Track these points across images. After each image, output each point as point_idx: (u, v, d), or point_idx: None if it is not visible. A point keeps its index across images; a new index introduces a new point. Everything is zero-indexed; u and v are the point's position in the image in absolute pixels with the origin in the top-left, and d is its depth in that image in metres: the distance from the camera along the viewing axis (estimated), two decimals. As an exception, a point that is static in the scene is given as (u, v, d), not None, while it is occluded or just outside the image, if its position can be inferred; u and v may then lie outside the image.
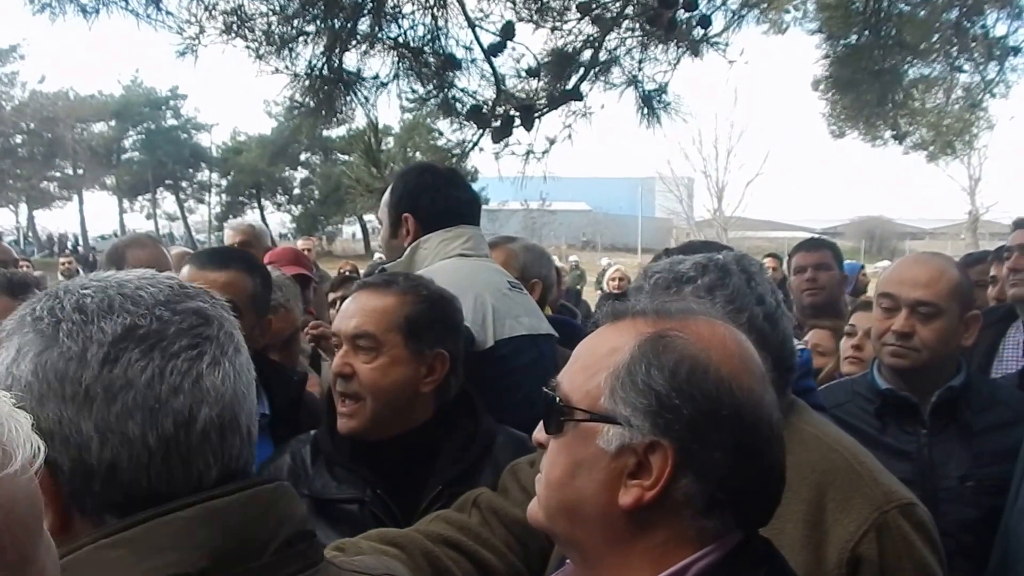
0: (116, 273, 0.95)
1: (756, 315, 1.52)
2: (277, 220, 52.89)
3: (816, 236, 4.07)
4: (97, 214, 74.23)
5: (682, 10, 4.78)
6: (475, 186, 4.62)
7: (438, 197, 2.49)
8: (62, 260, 12.68)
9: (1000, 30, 6.29)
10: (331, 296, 4.36)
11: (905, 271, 2.37)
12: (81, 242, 45.71)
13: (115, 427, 0.85)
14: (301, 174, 52.68)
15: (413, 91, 4.90)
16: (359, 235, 52.50)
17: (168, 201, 54.50)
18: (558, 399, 1.05)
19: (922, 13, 6.11)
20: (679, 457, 0.95)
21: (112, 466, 0.85)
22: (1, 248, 3.94)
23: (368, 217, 47.48)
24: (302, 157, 51.20)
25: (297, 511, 0.96)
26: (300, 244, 8.92)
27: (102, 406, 0.85)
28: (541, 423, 1.09)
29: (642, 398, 0.97)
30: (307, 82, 4.45)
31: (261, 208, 51.90)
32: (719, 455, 0.95)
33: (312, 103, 4.55)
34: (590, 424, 1.00)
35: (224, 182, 53.12)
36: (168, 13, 4.18)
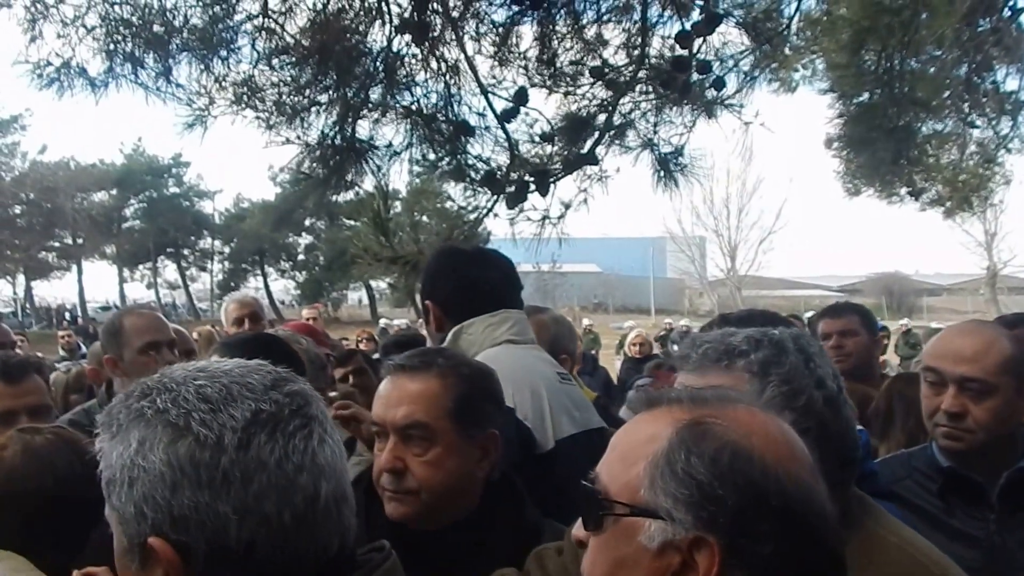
0: (215, 362, 1.00)
1: (815, 399, 1.39)
2: (281, 287, 53.09)
3: (842, 301, 3.95)
4: (96, 284, 74.45)
5: (696, 73, 4.75)
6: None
7: (456, 280, 2.34)
8: (61, 334, 12.54)
9: (1011, 85, 6.33)
10: (338, 372, 3.93)
11: (949, 343, 2.18)
12: (80, 312, 45.59)
13: (253, 507, 0.90)
14: (306, 240, 52.98)
15: (425, 158, 4.84)
16: (365, 301, 52.49)
17: (169, 270, 54.62)
18: (596, 493, 0.99)
19: (932, 70, 6.13)
20: (726, 554, 0.89)
21: (250, 545, 0.90)
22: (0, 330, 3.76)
23: (375, 283, 47.64)
24: (307, 223, 51.51)
25: None
26: (305, 313, 8.77)
27: (240, 488, 0.90)
28: (580, 519, 1.03)
29: (683, 488, 0.91)
30: (319, 151, 4.38)
31: (264, 275, 52.02)
32: (770, 550, 0.89)
33: (323, 172, 4.47)
34: (631, 519, 0.95)
35: (227, 249, 53.33)
36: (178, 85, 4.13)
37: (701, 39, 4.58)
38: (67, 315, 43.70)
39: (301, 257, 53.12)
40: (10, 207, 45.43)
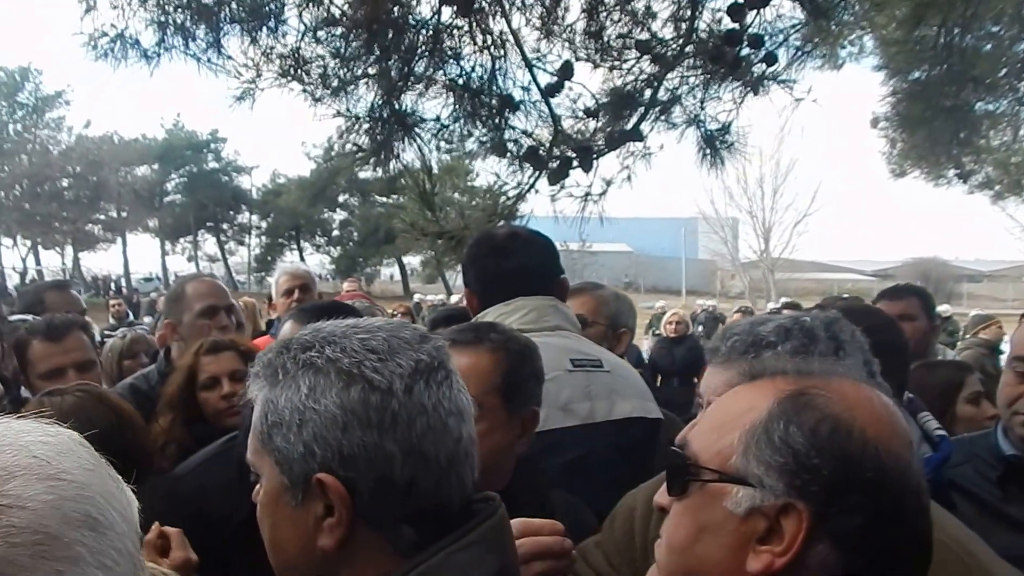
0: (362, 320, 1.09)
1: None
2: (316, 261, 53.57)
3: (903, 284, 3.85)
4: (140, 256, 76.07)
5: (747, 47, 4.65)
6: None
7: (480, 268, 2.33)
8: (112, 303, 12.84)
9: (1072, 64, 6.07)
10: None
11: None
12: (124, 284, 46.62)
13: (416, 447, 0.98)
14: (340, 216, 53.44)
15: (470, 133, 4.81)
16: (397, 276, 52.88)
17: (209, 243, 55.55)
18: (686, 459, 1.00)
19: (988, 47, 5.92)
20: (814, 521, 0.90)
21: (412, 481, 0.98)
22: (70, 298, 3.87)
23: (407, 258, 47.95)
24: (341, 199, 51.94)
25: None
26: (345, 286, 8.87)
27: (405, 429, 0.98)
28: (664, 485, 1.04)
29: (778, 456, 0.92)
30: (367, 124, 4.38)
31: (300, 250, 52.65)
32: (860, 522, 0.89)
33: (371, 146, 4.47)
34: (718, 485, 0.96)
35: (264, 224, 54.03)
36: (228, 57, 4.16)
37: (754, 12, 4.47)
38: (112, 286, 44.69)
39: (336, 233, 53.59)
40: (58, 180, 46.53)
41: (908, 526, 0.93)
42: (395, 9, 4.36)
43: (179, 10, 3.93)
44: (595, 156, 4.93)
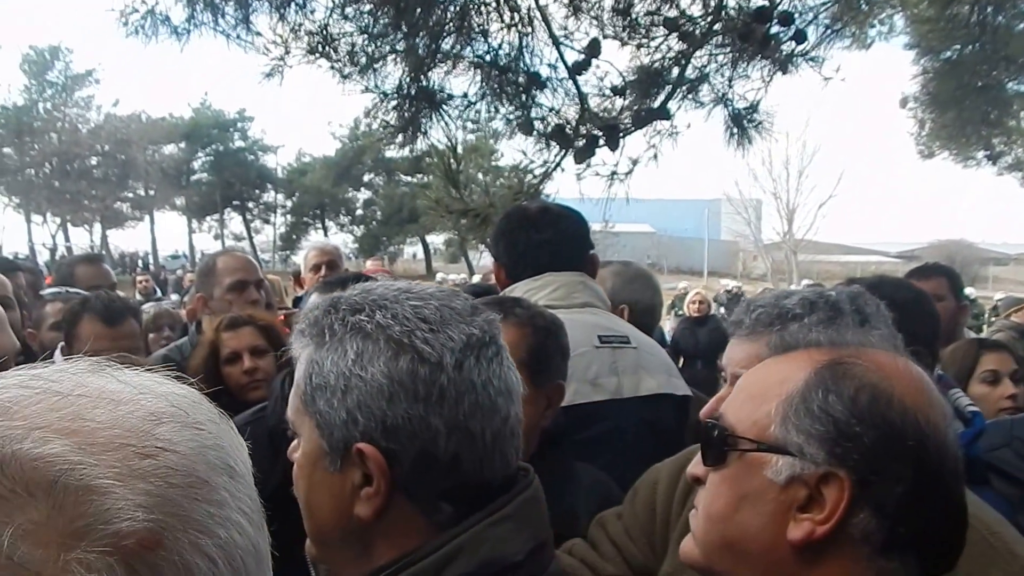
0: (414, 285, 1.05)
1: None
2: (340, 240, 53.76)
3: (931, 263, 3.80)
4: (167, 234, 76.97)
5: (777, 24, 4.59)
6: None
7: (511, 240, 2.33)
8: (140, 279, 13.01)
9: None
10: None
11: None
12: (152, 261, 47.25)
13: (462, 424, 0.95)
14: (364, 195, 53.60)
15: (496, 110, 4.82)
16: (420, 255, 53.09)
17: (235, 221, 55.98)
18: (723, 430, 1.00)
19: (1021, 26, 5.79)
20: (856, 489, 0.89)
21: (456, 457, 0.95)
22: (101, 271, 3.95)
23: (430, 238, 48.09)
24: (365, 178, 52.10)
25: None
26: (368, 264, 8.94)
27: (453, 405, 0.94)
28: (698, 457, 1.04)
29: (818, 424, 0.92)
30: (395, 102, 4.40)
31: (324, 229, 52.96)
32: (901, 489, 0.89)
33: (399, 123, 4.49)
34: (757, 455, 0.96)
35: (289, 203, 54.39)
36: (257, 33, 4.19)
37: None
38: (140, 263, 45.29)
39: (360, 212, 53.80)
40: (87, 158, 47.10)
41: (948, 496, 0.93)
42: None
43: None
44: (622, 135, 4.91)
